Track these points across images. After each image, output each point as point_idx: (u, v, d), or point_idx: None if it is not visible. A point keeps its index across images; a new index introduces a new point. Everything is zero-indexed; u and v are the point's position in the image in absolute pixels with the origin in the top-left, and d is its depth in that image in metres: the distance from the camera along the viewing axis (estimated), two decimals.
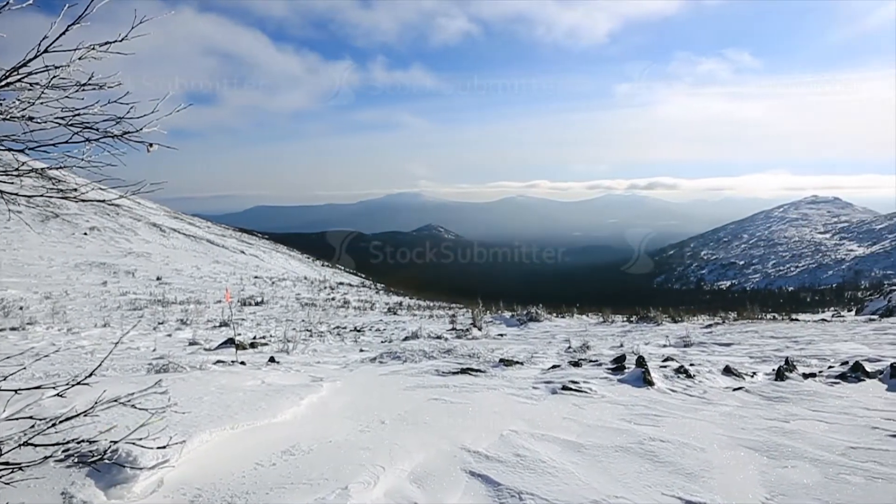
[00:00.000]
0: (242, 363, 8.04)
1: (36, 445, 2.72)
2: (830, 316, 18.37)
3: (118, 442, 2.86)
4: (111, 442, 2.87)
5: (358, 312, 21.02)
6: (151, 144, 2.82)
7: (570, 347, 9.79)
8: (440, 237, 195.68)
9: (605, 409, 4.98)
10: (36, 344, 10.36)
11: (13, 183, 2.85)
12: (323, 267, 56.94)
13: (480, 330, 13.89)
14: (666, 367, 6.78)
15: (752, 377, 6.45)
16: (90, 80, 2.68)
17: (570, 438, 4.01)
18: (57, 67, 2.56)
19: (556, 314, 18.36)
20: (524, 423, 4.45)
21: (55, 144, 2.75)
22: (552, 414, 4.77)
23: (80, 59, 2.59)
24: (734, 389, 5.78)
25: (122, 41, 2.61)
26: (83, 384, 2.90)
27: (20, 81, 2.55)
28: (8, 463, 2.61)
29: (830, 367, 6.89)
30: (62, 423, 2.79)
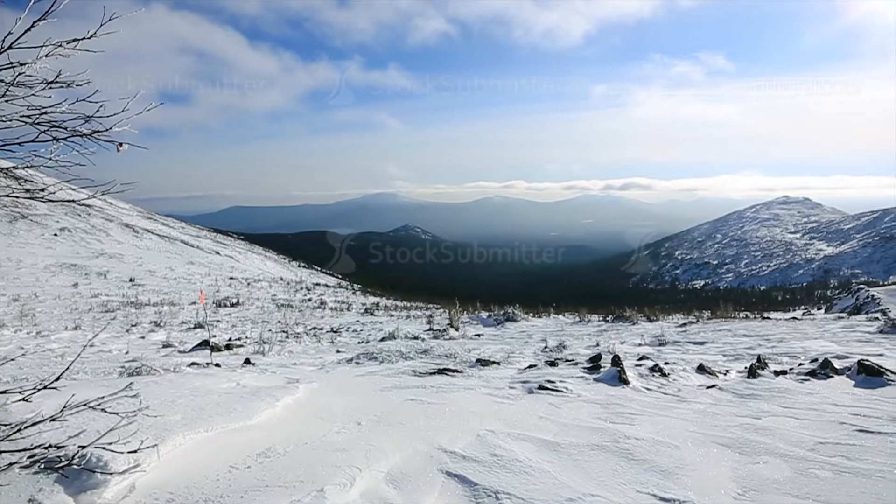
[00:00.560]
0: (217, 365, 7.95)
1: (1, 451, 2.65)
2: (801, 314, 18.73)
3: (87, 447, 2.80)
4: (79, 447, 2.82)
5: (334, 313, 20.93)
6: (121, 144, 2.77)
7: (546, 347, 9.85)
8: (417, 237, 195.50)
9: (581, 408, 5.01)
10: (3, 347, 10.15)
11: None
12: (299, 268, 56.55)
13: (457, 330, 13.91)
14: (641, 365, 6.85)
15: (725, 375, 6.55)
16: (57, 77, 2.62)
17: (546, 438, 4.02)
18: (22, 64, 2.50)
19: (532, 314, 18.47)
20: (501, 422, 4.45)
21: (21, 143, 2.68)
22: (528, 413, 4.79)
23: (46, 56, 2.54)
24: (708, 387, 5.86)
25: (90, 38, 2.56)
26: (50, 388, 2.84)
27: None
28: None
29: (801, 364, 7.03)
30: (28, 428, 2.73)
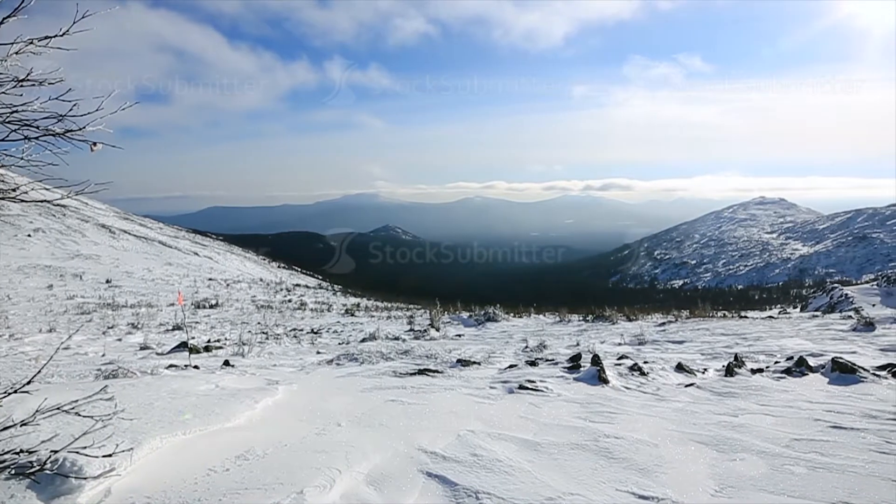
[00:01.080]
0: (196, 367, 7.87)
1: None
2: (777, 313, 19.01)
3: (59, 451, 2.75)
4: (51, 451, 2.76)
5: (315, 314, 20.81)
6: (95, 143, 2.73)
7: (527, 347, 9.88)
8: (398, 238, 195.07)
9: (561, 407, 5.03)
10: None
11: None
12: (279, 268, 56.16)
13: (438, 331, 13.90)
14: (621, 364, 6.90)
15: (703, 373, 6.62)
16: (29, 75, 2.57)
17: (526, 437, 4.04)
18: None
19: (513, 314, 18.52)
20: (481, 422, 4.46)
21: None
22: (509, 413, 4.80)
23: (17, 53, 2.49)
24: (686, 386, 5.91)
25: (62, 36, 2.51)
26: (22, 392, 2.78)
27: None
28: None
29: (777, 362, 7.12)
30: None
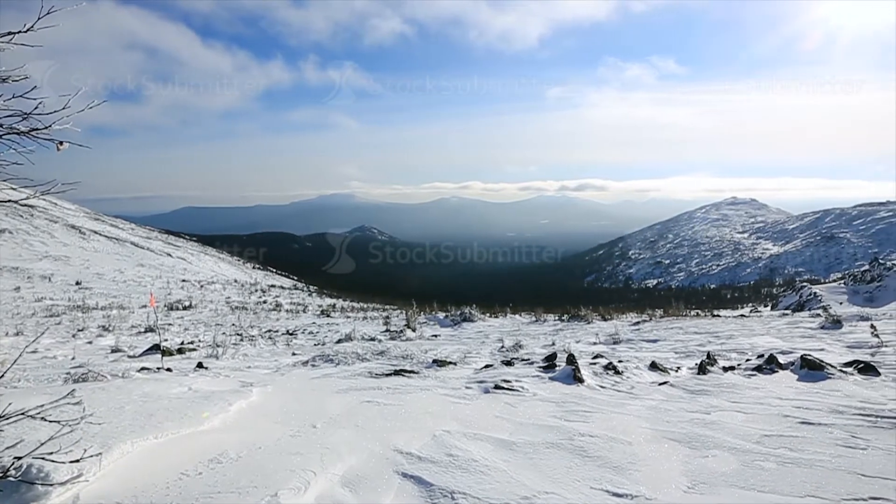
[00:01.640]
0: (169, 370, 7.76)
1: None
2: (749, 312, 19.37)
3: (24, 457, 2.68)
4: (15, 458, 2.70)
5: (290, 315, 20.65)
6: (62, 142, 2.67)
7: (503, 347, 9.91)
8: (374, 238, 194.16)
9: (536, 406, 5.06)
10: None
11: None
12: (254, 269, 55.61)
13: (414, 331, 13.89)
14: (595, 364, 6.96)
15: (676, 372, 6.70)
16: None
17: (502, 437, 4.05)
18: None
19: (489, 314, 18.57)
20: (457, 422, 4.46)
21: None
22: (484, 413, 4.81)
23: None
24: (660, 384, 5.98)
25: (26, 32, 2.46)
26: None
27: None
28: None
29: (748, 360, 7.24)
30: None
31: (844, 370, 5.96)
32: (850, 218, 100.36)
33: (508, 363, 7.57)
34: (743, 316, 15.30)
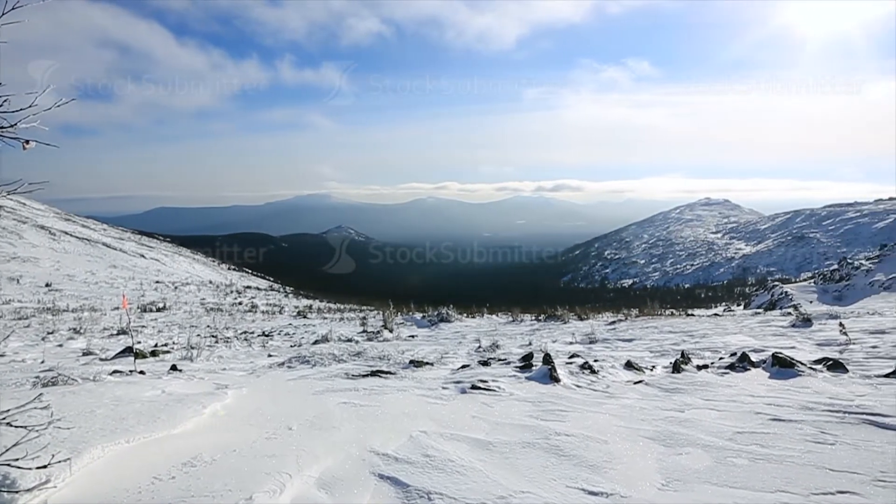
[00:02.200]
0: (142, 373, 7.64)
1: None
2: (722, 311, 19.63)
3: None
4: None
5: (266, 317, 20.47)
6: (28, 141, 2.61)
7: (480, 347, 9.92)
8: (351, 239, 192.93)
9: (512, 406, 5.07)
10: None
11: None
12: (229, 270, 55.01)
13: (391, 332, 13.85)
14: (572, 363, 7.00)
15: (651, 370, 6.77)
16: None
17: (478, 437, 4.05)
18: None
19: (467, 314, 18.59)
20: (434, 423, 4.46)
21: None
22: (461, 413, 4.81)
23: None
24: (635, 383, 6.04)
25: None
26: None
27: None
28: None
29: (721, 358, 7.34)
30: None
31: (814, 367, 6.07)
32: (819, 218, 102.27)
33: (485, 363, 7.59)
34: (716, 315, 15.52)
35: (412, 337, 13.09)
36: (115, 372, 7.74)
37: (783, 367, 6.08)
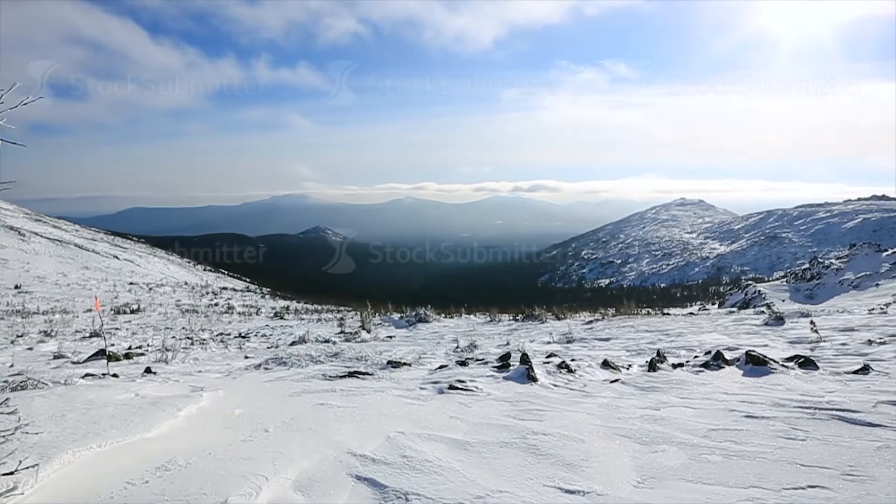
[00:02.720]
0: (115, 375, 7.49)
1: None
2: (697, 310, 19.92)
3: None
4: None
5: (243, 318, 20.28)
6: None
7: (458, 347, 9.92)
8: (328, 240, 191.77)
9: (490, 406, 5.08)
10: None
11: None
12: (205, 271, 54.38)
13: (369, 332, 13.80)
14: (549, 363, 7.04)
15: (627, 369, 6.83)
16: None
17: (456, 437, 4.05)
18: None
19: (445, 315, 18.58)
20: (411, 423, 4.45)
21: None
22: (439, 413, 4.81)
23: None
24: (611, 381, 6.09)
25: None
26: None
27: None
28: None
29: (696, 356, 7.43)
30: None
31: (786, 365, 6.17)
32: (791, 218, 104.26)
33: (463, 363, 7.59)
34: (692, 314, 15.73)
35: (390, 338, 13.06)
36: (87, 375, 7.59)
37: (756, 364, 6.18)
